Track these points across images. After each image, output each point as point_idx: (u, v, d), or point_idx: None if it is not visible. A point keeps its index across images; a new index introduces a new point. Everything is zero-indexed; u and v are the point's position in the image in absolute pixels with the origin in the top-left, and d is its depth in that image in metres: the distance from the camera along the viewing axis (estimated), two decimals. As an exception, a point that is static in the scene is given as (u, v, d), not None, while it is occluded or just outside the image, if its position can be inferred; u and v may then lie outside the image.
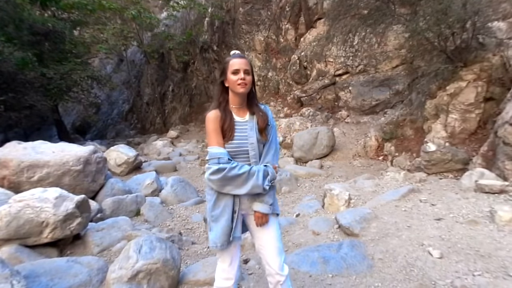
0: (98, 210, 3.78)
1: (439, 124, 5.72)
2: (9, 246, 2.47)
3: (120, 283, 1.93)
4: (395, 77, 8.43)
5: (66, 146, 4.26)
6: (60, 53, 11.66)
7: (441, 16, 5.26)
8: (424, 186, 4.25)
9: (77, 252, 2.93)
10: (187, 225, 4.02)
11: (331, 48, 8.97)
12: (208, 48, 13.05)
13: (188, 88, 14.20)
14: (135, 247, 2.11)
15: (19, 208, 2.60)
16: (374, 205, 3.56)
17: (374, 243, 2.71)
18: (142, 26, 13.30)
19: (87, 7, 12.08)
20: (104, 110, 18.17)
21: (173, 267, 2.17)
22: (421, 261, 2.34)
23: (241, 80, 1.49)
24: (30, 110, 10.77)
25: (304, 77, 9.81)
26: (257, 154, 1.55)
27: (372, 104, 8.38)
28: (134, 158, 6.68)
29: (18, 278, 1.72)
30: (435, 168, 5.05)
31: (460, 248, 2.43)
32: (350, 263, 2.45)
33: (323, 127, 7.05)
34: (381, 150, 6.74)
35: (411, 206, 3.42)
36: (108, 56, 15.43)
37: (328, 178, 5.51)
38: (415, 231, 2.81)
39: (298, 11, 10.62)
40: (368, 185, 4.37)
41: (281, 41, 11.01)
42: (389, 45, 8.46)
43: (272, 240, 1.59)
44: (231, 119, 1.55)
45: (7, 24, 9.93)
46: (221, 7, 12.39)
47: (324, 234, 3.15)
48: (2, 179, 3.53)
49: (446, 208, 3.24)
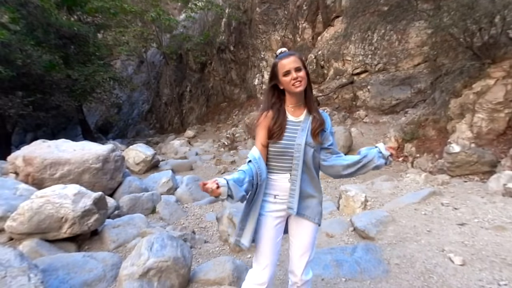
0: (115, 207, 3.88)
1: (464, 124, 5.44)
2: (30, 240, 2.58)
3: (132, 279, 1.96)
4: (417, 75, 8.14)
5: (86, 145, 4.41)
6: (84, 56, 12.14)
7: (467, 11, 5.01)
8: (447, 189, 4.06)
9: (94, 248, 3.01)
10: (201, 223, 4.04)
11: (348, 46, 8.79)
12: (225, 48, 13.15)
13: (205, 89, 14.38)
14: (146, 245, 2.14)
15: (40, 203, 2.71)
16: (392, 208, 3.43)
17: (391, 248, 2.61)
18: (161, 28, 13.60)
19: (109, 11, 12.51)
20: (125, 111, 18.73)
21: (184, 266, 2.18)
22: (441, 267, 2.22)
23: (293, 80, 1.43)
24: (57, 110, 11.31)
25: (321, 76, 9.67)
26: (301, 157, 1.47)
27: (392, 104, 8.13)
28: (152, 157, 6.82)
29: (35, 271, 1.79)
30: (459, 170, 4.82)
31: (484, 255, 2.29)
32: (365, 267, 2.36)
33: (339, 127, 6.90)
34: (401, 151, 6.50)
35: (431, 209, 3.27)
36: (129, 58, 15.89)
37: (345, 179, 5.38)
38: (436, 236, 2.68)
39: (315, 9, 10.48)
40: (386, 187, 4.23)
41: (298, 40, 10.91)
42: (410, 42, 8.17)
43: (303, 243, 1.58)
44: (284, 118, 1.50)
45: (36, 29, 10.45)
46: (238, 8, 12.45)
47: (338, 237, 3.07)
48: (27, 176, 3.70)
49: (471, 212, 3.08)
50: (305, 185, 1.52)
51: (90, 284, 2.16)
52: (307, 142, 1.48)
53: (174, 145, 10.07)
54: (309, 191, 1.54)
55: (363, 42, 8.28)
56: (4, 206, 2.81)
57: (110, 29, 13.73)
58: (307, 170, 1.51)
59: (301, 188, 1.50)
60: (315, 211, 1.57)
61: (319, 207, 1.59)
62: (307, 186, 1.52)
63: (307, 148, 1.48)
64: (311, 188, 1.55)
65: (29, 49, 9.15)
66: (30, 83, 9.58)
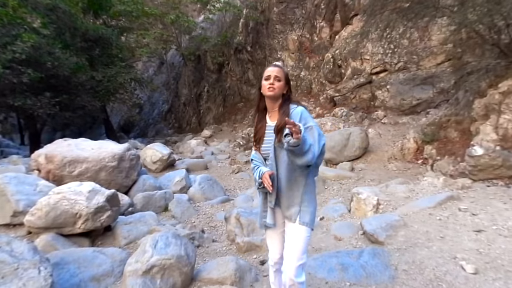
0: (129, 204, 4.01)
1: (489, 125, 5.14)
2: (46, 234, 2.72)
3: (135, 276, 2.02)
4: (439, 74, 7.80)
5: (103, 144, 4.59)
6: (107, 58, 12.64)
7: (494, 6, 4.75)
8: (467, 194, 3.87)
9: (107, 243, 3.13)
10: (211, 222, 4.10)
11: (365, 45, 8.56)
12: (242, 49, 13.22)
13: (222, 89, 14.53)
14: (151, 242, 2.20)
15: (57, 199, 2.85)
16: (405, 212, 3.32)
17: (400, 253, 2.52)
18: (181, 30, 13.88)
19: (132, 14, 12.96)
20: (146, 111, 19.30)
21: (187, 264, 2.22)
22: (452, 275, 2.12)
23: (270, 84, 1.57)
24: (83, 110, 11.85)
25: (338, 76, 9.48)
26: (272, 157, 1.59)
27: (413, 104, 7.84)
28: (168, 156, 6.98)
29: (45, 265, 1.88)
30: (482, 174, 4.57)
31: (499, 264, 2.16)
32: (370, 272, 2.30)
33: (355, 128, 6.74)
34: (420, 153, 6.26)
35: (447, 215, 3.12)
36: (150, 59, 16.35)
37: (358, 181, 5.25)
38: (449, 242, 2.56)
39: (333, 7, 10.29)
40: (401, 190, 4.08)
41: (315, 40, 10.77)
42: (433, 39, 7.84)
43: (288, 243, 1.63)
44: (263, 125, 1.66)
45: (64, 33, 11.02)
46: (256, 8, 12.48)
47: (346, 240, 3.00)
48: (48, 173, 3.90)
49: (490, 218, 2.91)
50: (280, 185, 1.60)
51: (98, 278, 2.25)
52: (275, 144, 1.58)
53: (190, 144, 10.26)
54: (286, 191, 1.61)
55: (382, 41, 8.05)
56: (25, 201, 2.98)
57: (132, 31, 14.22)
58: (281, 170, 1.59)
59: (280, 186, 1.60)
60: (292, 211, 1.61)
61: (296, 207, 1.60)
62: (283, 186, 1.60)
63: (277, 150, 1.58)
64: (291, 188, 1.60)
65: (57, 52, 9.66)
66: (57, 84, 10.10)
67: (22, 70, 7.82)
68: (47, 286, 1.75)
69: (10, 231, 2.93)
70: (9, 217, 2.95)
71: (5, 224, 2.98)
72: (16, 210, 2.93)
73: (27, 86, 8.54)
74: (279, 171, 1.59)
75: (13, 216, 2.94)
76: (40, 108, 8.92)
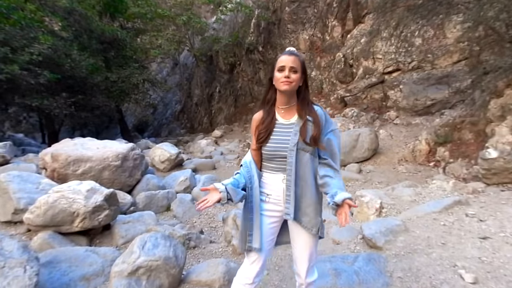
0: (131, 203, 4.06)
1: (505, 127, 4.87)
2: (44, 232, 2.78)
3: (121, 277, 2.02)
4: (456, 74, 7.47)
5: (108, 143, 4.68)
6: (122, 59, 12.95)
7: (511, 2, 4.50)
8: (477, 198, 3.67)
9: (105, 242, 3.17)
10: (212, 223, 4.08)
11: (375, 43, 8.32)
12: (254, 49, 13.19)
13: (233, 89, 14.56)
14: (139, 243, 2.19)
15: (55, 198, 2.91)
16: (408, 216, 3.18)
17: (397, 259, 2.41)
18: (193, 31, 14.03)
19: (146, 16, 13.24)
20: (160, 111, 19.65)
21: (175, 266, 2.20)
22: (448, 284, 2.00)
23: (285, 77, 1.38)
24: (99, 110, 12.21)
25: (349, 75, 9.28)
26: (293, 162, 1.41)
27: (427, 104, 7.56)
28: (176, 155, 7.04)
29: (32, 264, 1.91)
30: (496, 178, 4.33)
31: (501, 274, 2.02)
32: (364, 278, 2.21)
33: (365, 129, 6.56)
34: (432, 155, 6.01)
35: (453, 220, 2.97)
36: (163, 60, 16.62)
37: (365, 183, 5.10)
38: (450, 249, 2.42)
39: (346, 6, 10.09)
40: (407, 193, 3.92)
41: (327, 39, 10.59)
42: (449, 37, 7.52)
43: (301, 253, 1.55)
44: (271, 121, 1.47)
45: (81, 35, 11.37)
46: (268, 8, 12.43)
47: (344, 244, 2.91)
48: (53, 171, 4.01)
49: (498, 225, 2.74)
50: (301, 192, 1.46)
51: (88, 278, 2.27)
52: (300, 147, 1.42)
53: (201, 144, 10.32)
54: (306, 199, 1.47)
55: (395, 39, 7.81)
56: (26, 199, 3.07)
57: (146, 33, 14.50)
58: (303, 175, 1.44)
59: (297, 194, 1.45)
60: (313, 221, 1.48)
61: (317, 218, 1.49)
62: (304, 193, 1.46)
63: (300, 153, 1.42)
64: (309, 196, 1.47)
65: (74, 53, 9.98)
66: (74, 85, 10.44)
67: (39, 71, 8.11)
68: (31, 285, 1.77)
69: (10, 229, 3.02)
70: (10, 215, 3.04)
71: (6, 221, 3.08)
72: (17, 207, 3.02)
73: (44, 87, 8.86)
74: (300, 177, 1.44)
75: (14, 214, 3.03)
76: (57, 108, 9.23)
